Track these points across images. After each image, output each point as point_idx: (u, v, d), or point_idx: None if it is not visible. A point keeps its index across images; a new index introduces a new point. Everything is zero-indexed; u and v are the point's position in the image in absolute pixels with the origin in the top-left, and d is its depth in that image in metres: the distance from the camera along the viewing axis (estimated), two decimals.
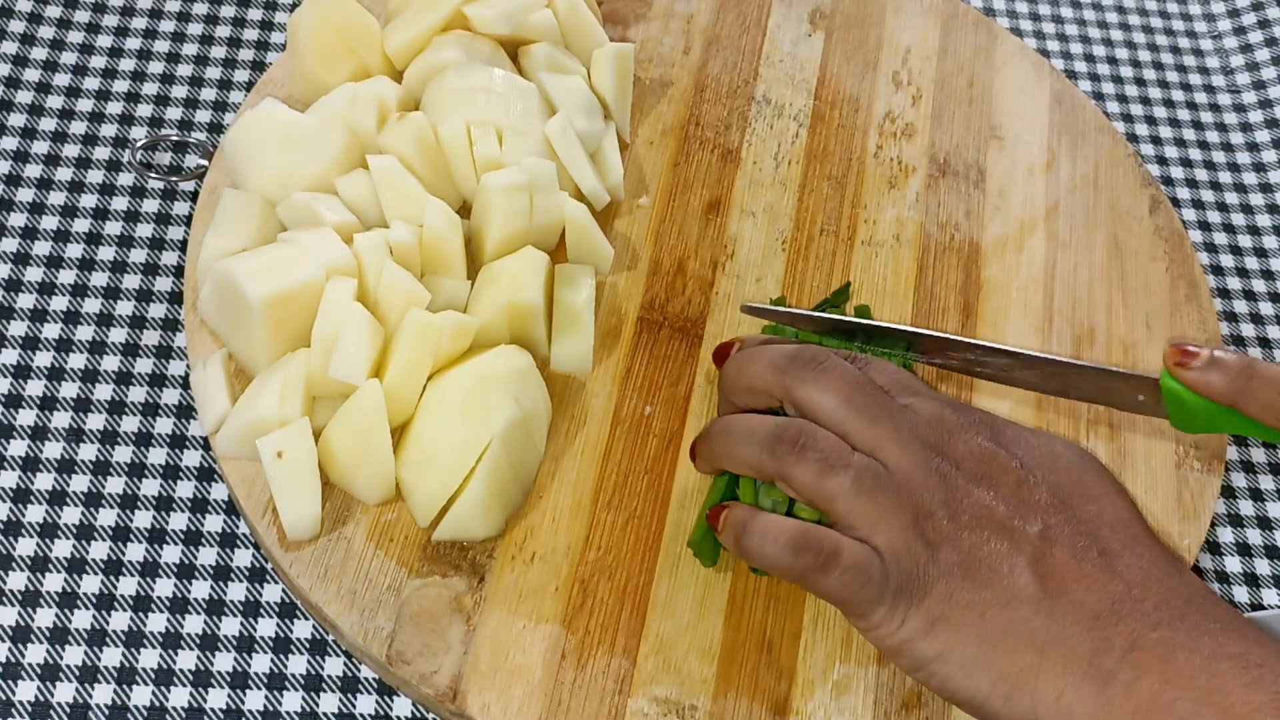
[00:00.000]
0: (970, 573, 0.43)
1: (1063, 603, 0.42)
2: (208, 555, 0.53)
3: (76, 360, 0.58)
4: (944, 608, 0.43)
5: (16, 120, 0.65)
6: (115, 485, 0.55)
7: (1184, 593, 0.42)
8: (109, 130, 0.65)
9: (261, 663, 0.51)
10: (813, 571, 0.45)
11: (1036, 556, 0.43)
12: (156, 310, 0.60)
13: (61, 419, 0.56)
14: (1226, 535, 0.60)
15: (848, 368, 0.48)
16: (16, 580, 0.52)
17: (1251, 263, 0.69)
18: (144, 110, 0.66)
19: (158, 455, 0.56)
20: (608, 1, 0.69)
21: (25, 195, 0.63)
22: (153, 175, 0.63)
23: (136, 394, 0.57)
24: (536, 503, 0.53)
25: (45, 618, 0.51)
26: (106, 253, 0.61)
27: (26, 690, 0.50)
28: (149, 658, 0.51)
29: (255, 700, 0.50)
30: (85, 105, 0.66)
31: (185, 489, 0.55)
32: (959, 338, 0.54)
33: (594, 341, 0.56)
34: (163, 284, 0.61)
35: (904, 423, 0.46)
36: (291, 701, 0.50)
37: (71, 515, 0.54)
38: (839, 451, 0.45)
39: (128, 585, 0.52)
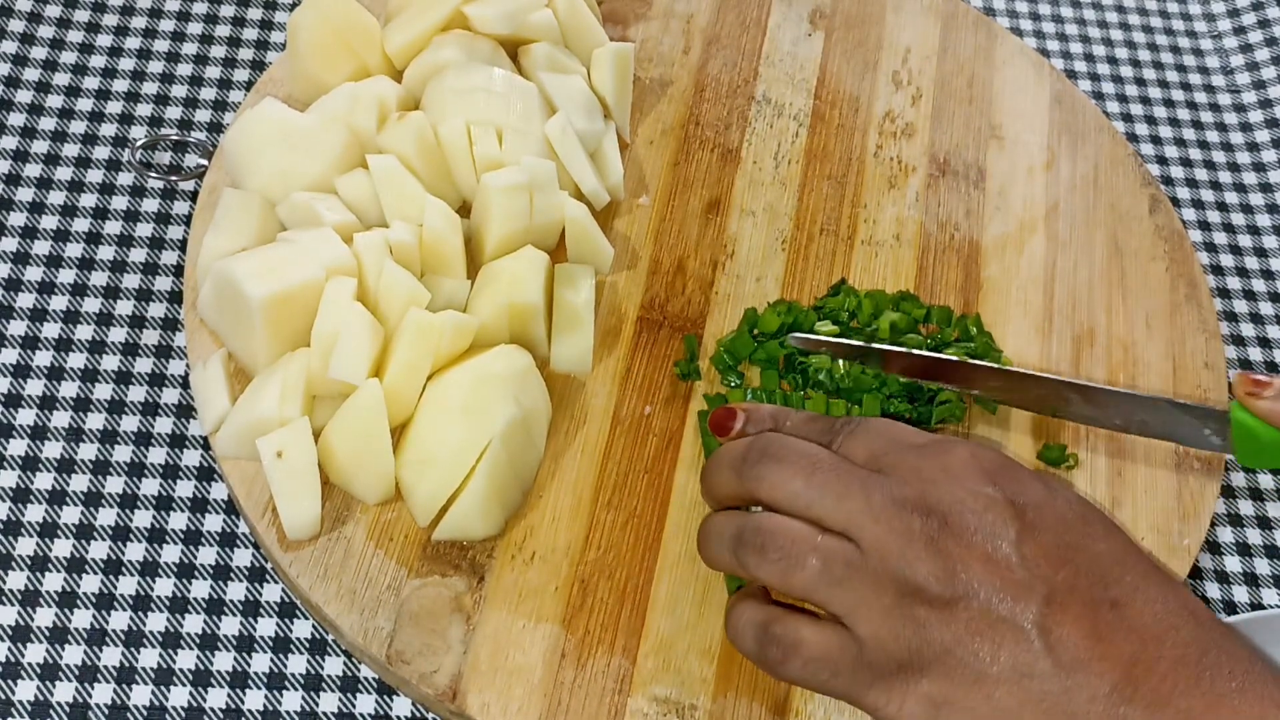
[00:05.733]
0: (971, 649, 0.40)
1: (1077, 676, 0.39)
2: (208, 555, 0.53)
3: (76, 360, 0.58)
4: (946, 689, 0.41)
5: (16, 120, 0.65)
6: (115, 485, 0.55)
7: (1199, 643, 0.40)
8: (109, 130, 0.65)
9: (261, 662, 0.51)
10: (776, 665, 0.43)
11: (1045, 624, 0.40)
12: (156, 310, 0.60)
13: (61, 418, 0.56)
14: (1226, 535, 0.60)
15: (807, 450, 0.45)
16: (16, 580, 0.52)
17: (1251, 263, 0.69)
18: (144, 110, 0.66)
19: (158, 455, 0.56)
20: (608, 1, 0.69)
21: (25, 195, 0.63)
22: (153, 175, 0.63)
23: (136, 393, 0.57)
24: (536, 502, 0.53)
25: (45, 617, 0.51)
26: (106, 252, 0.61)
27: (26, 690, 0.50)
28: (149, 657, 0.51)
29: (255, 700, 0.50)
30: (85, 105, 0.66)
31: (185, 489, 0.55)
32: (1018, 369, 0.51)
33: (594, 341, 0.56)
34: (162, 283, 0.61)
35: (876, 491, 0.43)
36: (291, 701, 0.50)
37: (71, 515, 0.54)
38: (800, 544, 0.43)
39: (128, 585, 0.52)
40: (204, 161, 0.64)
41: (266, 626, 0.52)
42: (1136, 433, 0.53)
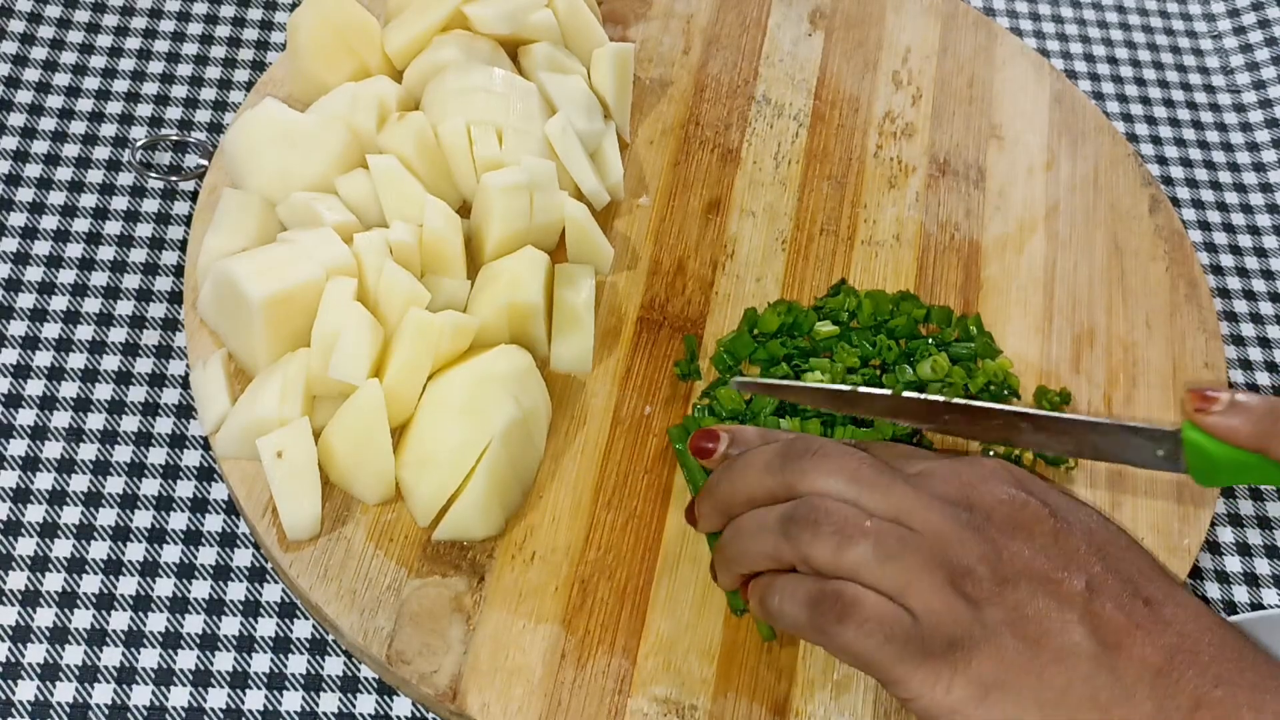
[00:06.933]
0: (1020, 630, 0.41)
1: (1122, 658, 0.40)
2: (208, 555, 0.53)
3: (76, 360, 0.58)
4: (997, 671, 0.41)
5: (16, 120, 0.65)
6: (115, 485, 0.55)
7: (1235, 646, 0.41)
8: (109, 130, 0.65)
9: (261, 662, 0.51)
10: (830, 624, 0.42)
11: (1086, 610, 0.41)
12: (156, 310, 0.60)
13: (61, 419, 0.56)
14: (1226, 535, 0.60)
15: (847, 448, 0.46)
16: (16, 580, 0.52)
17: (1251, 263, 0.69)
18: (144, 110, 0.66)
19: (158, 455, 0.56)
20: (608, 1, 0.69)
21: (25, 195, 0.63)
22: (153, 175, 0.63)
23: (136, 394, 0.57)
24: (536, 502, 0.53)
25: (45, 618, 0.51)
26: (106, 252, 0.61)
27: (26, 690, 0.50)
28: (149, 657, 0.51)
29: (255, 700, 0.50)
30: (85, 105, 0.66)
31: (185, 489, 0.55)
32: (962, 401, 0.50)
33: (594, 341, 0.56)
34: (162, 283, 0.61)
35: (921, 485, 0.44)
36: (291, 701, 0.50)
37: (71, 515, 0.54)
38: (855, 520, 0.43)
39: (128, 585, 0.52)
40: (204, 161, 0.64)
41: (266, 626, 0.52)
42: (1090, 457, 0.50)
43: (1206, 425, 0.47)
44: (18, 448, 0.55)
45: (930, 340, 0.58)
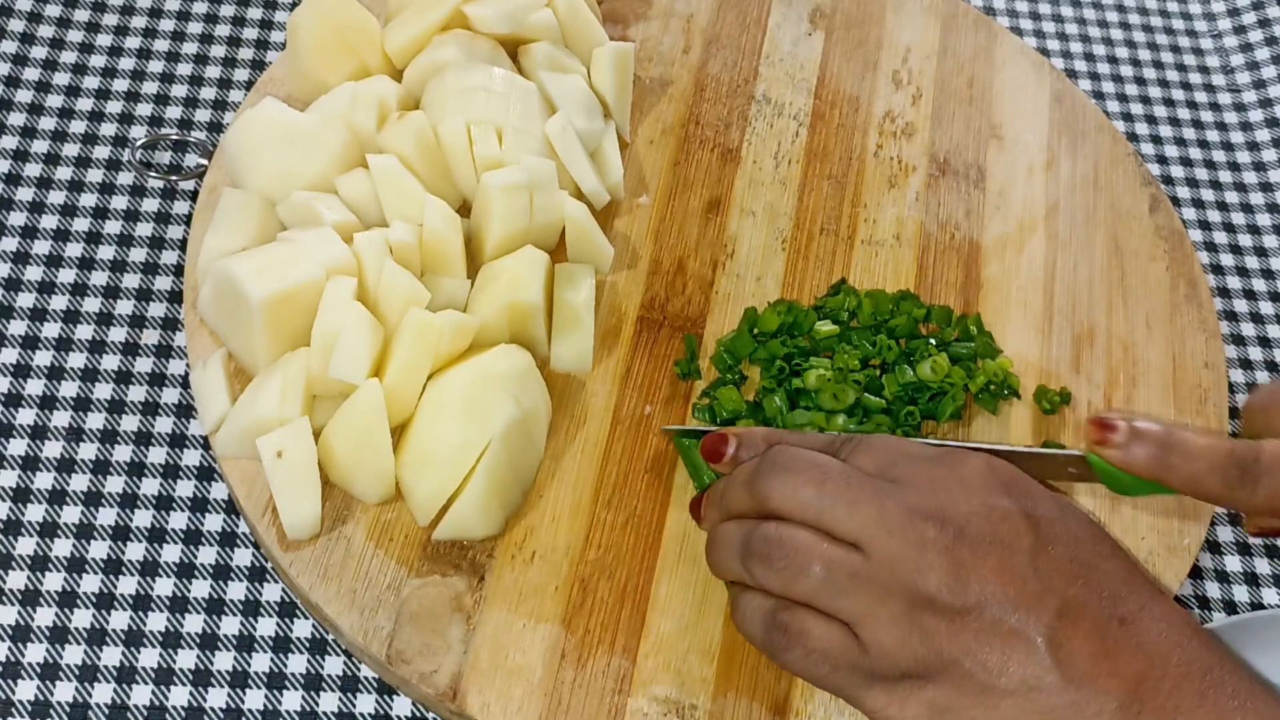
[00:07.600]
0: (980, 660, 0.40)
1: (1084, 691, 0.40)
2: (208, 554, 0.53)
3: (76, 359, 0.58)
4: (951, 697, 0.41)
5: (16, 120, 0.65)
6: (115, 484, 0.55)
7: (1202, 661, 0.41)
8: (109, 129, 0.65)
9: (261, 662, 0.51)
10: (779, 651, 0.43)
11: (1055, 638, 0.40)
12: (156, 309, 0.60)
13: (61, 418, 0.56)
14: (1226, 535, 0.60)
15: (817, 460, 0.45)
16: (16, 580, 0.52)
17: (1251, 262, 0.69)
18: (144, 109, 0.66)
19: (157, 454, 0.56)
20: (608, 1, 0.69)
21: (25, 194, 0.63)
22: (153, 174, 0.63)
23: (136, 393, 0.57)
24: (536, 502, 0.53)
25: (45, 617, 0.51)
26: (106, 252, 0.61)
27: (26, 690, 0.50)
28: (149, 657, 0.51)
29: (255, 699, 0.50)
30: (85, 104, 0.66)
31: (185, 488, 0.55)
32: (882, 436, 0.49)
33: (594, 341, 0.56)
34: (162, 283, 0.61)
35: (890, 500, 0.43)
36: (291, 701, 0.50)
37: (71, 514, 0.54)
38: (805, 552, 0.43)
39: (127, 585, 0.52)
40: (204, 161, 0.64)
41: (266, 626, 0.52)
42: None
43: (1106, 457, 0.47)
44: (18, 448, 0.55)
45: (930, 340, 0.58)
